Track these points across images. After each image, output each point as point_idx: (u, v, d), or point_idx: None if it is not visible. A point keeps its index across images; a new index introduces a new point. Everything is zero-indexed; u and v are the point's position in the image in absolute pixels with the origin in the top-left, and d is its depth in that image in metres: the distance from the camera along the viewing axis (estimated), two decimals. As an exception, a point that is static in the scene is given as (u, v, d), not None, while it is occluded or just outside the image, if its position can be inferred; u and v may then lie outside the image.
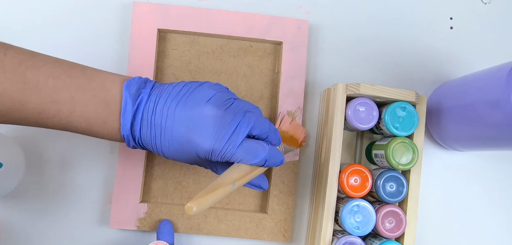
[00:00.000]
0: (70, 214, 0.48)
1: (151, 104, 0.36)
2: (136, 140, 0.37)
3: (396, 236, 0.42)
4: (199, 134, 0.35)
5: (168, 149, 0.36)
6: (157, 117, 0.36)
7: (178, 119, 0.35)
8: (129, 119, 0.36)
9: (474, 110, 0.40)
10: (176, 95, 0.36)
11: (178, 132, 0.35)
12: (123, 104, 0.36)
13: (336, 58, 0.51)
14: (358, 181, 0.42)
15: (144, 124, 0.36)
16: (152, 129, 0.36)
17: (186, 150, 0.36)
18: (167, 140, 0.36)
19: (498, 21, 0.52)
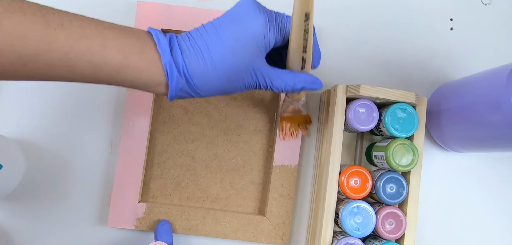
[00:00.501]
0: (69, 214, 0.48)
1: (182, 35, 0.34)
2: (181, 69, 0.33)
3: (396, 237, 0.42)
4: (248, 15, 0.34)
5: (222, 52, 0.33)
6: (195, 36, 0.34)
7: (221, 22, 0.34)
8: (166, 46, 0.33)
9: (474, 111, 0.40)
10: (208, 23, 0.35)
11: (225, 26, 0.34)
12: (155, 36, 0.34)
13: (336, 59, 0.51)
14: (358, 182, 0.42)
15: (184, 47, 0.33)
16: (195, 48, 0.33)
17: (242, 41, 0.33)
18: (217, 44, 0.33)
19: (498, 22, 0.52)
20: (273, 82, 0.36)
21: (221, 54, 0.33)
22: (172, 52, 0.33)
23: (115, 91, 0.49)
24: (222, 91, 0.35)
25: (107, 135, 0.49)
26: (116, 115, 0.49)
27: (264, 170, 0.50)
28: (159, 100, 0.49)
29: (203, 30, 0.34)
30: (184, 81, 0.34)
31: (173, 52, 0.33)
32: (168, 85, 0.34)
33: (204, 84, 0.34)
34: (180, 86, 0.34)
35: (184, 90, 0.34)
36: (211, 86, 0.34)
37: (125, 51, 0.33)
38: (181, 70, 0.33)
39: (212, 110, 0.49)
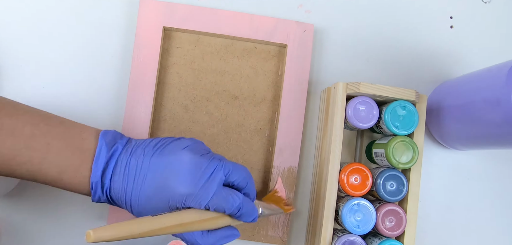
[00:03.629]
0: (69, 212, 0.48)
1: (126, 154, 0.36)
2: (104, 190, 0.36)
3: (396, 235, 0.42)
4: (175, 178, 0.35)
5: (138, 197, 0.36)
6: (131, 165, 0.36)
7: (154, 167, 0.36)
8: (101, 165, 0.35)
9: (474, 109, 0.40)
10: (153, 146, 0.37)
11: (152, 179, 0.35)
12: (98, 149, 0.36)
13: (336, 57, 0.51)
14: (358, 180, 0.42)
15: (117, 171, 0.36)
16: (124, 177, 0.36)
17: (158, 196, 0.35)
18: (139, 187, 0.35)
19: (498, 20, 0.52)
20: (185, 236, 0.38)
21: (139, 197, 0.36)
22: (104, 173, 0.36)
23: (115, 91, 0.49)
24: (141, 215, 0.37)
25: (107, 133, 0.49)
26: (117, 114, 0.49)
27: (264, 169, 0.50)
28: (160, 98, 0.49)
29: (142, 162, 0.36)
30: (106, 198, 0.37)
31: (105, 173, 0.36)
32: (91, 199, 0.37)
33: (124, 207, 0.37)
34: (102, 200, 0.37)
35: (104, 201, 0.37)
36: (130, 210, 0.37)
37: (62, 166, 0.35)
38: (105, 190, 0.36)
39: (213, 108, 0.49)
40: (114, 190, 0.36)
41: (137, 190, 0.36)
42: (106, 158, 0.36)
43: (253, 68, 0.50)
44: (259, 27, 0.48)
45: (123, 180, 0.36)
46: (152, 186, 0.35)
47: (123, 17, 0.50)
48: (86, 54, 0.49)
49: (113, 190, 0.36)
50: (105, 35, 0.49)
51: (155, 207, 0.36)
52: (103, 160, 0.36)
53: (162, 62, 0.49)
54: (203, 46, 0.49)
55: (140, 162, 0.36)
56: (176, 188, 0.35)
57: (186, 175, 0.35)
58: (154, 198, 0.36)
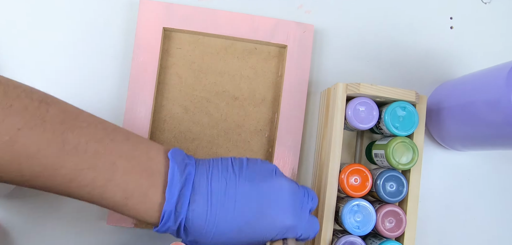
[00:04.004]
0: (69, 211, 0.48)
1: (203, 178, 0.31)
2: (179, 220, 0.31)
3: (396, 235, 0.42)
4: (277, 208, 0.31)
5: (228, 227, 0.31)
6: (214, 192, 0.31)
7: (245, 194, 0.31)
8: (176, 192, 0.31)
9: (474, 110, 0.40)
10: (232, 169, 0.32)
11: (246, 207, 0.31)
12: (170, 173, 0.31)
13: (336, 57, 0.51)
14: (358, 180, 0.42)
15: (196, 199, 0.31)
16: (208, 205, 0.31)
17: (254, 226, 0.31)
18: (229, 216, 0.31)
19: (498, 21, 0.52)
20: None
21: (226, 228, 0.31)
22: (179, 201, 0.31)
23: (115, 92, 0.49)
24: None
25: (107, 134, 0.49)
26: (117, 114, 0.49)
27: (264, 168, 0.50)
28: (160, 98, 0.49)
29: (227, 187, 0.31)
30: (175, 229, 0.32)
31: (181, 201, 0.31)
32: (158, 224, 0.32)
33: (194, 239, 0.32)
34: (170, 231, 0.32)
35: (170, 232, 0.33)
36: (199, 243, 0.32)
37: (128, 190, 0.30)
38: (179, 221, 0.31)
39: (213, 109, 0.49)
40: (193, 221, 0.31)
41: (226, 219, 0.31)
42: (181, 183, 0.31)
43: (253, 69, 0.50)
44: (259, 28, 0.48)
45: (207, 209, 0.31)
46: (246, 214, 0.31)
47: (123, 18, 0.50)
48: (86, 54, 0.49)
49: (191, 220, 0.31)
50: (105, 36, 0.49)
51: (246, 237, 0.32)
52: (178, 186, 0.31)
53: (162, 63, 0.49)
54: (203, 46, 0.49)
55: (224, 188, 0.31)
56: (279, 218, 0.32)
57: (289, 205, 0.32)
58: (247, 228, 0.31)
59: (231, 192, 0.31)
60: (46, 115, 0.28)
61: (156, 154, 0.32)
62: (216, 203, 0.31)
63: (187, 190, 0.31)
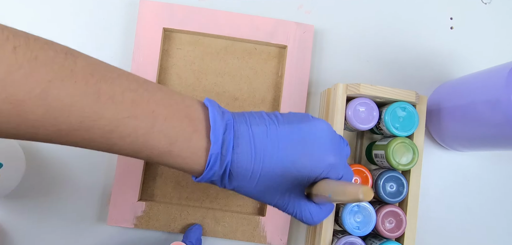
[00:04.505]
0: (69, 212, 0.48)
1: (243, 124, 0.31)
2: (225, 163, 0.31)
3: (396, 236, 0.42)
4: (320, 146, 0.32)
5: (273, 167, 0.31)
6: (257, 134, 0.31)
7: (287, 135, 0.31)
8: (220, 135, 0.31)
9: (474, 110, 0.40)
10: (270, 117, 0.32)
11: (290, 147, 0.31)
12: (212, 117, 0.31)
13: (336, 58, 0.51)
14: (358, 181, 0.42)
15: (240, 143, 0.31)
16: (251, 147, 0.31)
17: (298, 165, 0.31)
18: (274, 156, 0.31)
19: (498, 21, 0.52)
20: (302, 213, 0.34)
21: (272, 172, 0.31)
22: (223, 142, 0.31)
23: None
24: (250, 196, 0.33)
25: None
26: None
27: (264, 169, 0.50)
28: (159, 99, 0.49)
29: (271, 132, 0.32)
30: (220, 174, 0.31)
31: (225, 141, 0.31)
32: (202, 171, 0.32)
33: (238, 185, 0.32)
34: (215, 178, 0.32)
35: (216, 179, 0.32)
36: (244, 188, 0.32)
37: (172, 136, 0.30)
38: (224, 164, 0.31)
39: (212, 109, 0.49)
40: (238, 164, 0.31)
41: (271, 160, 0.31)
42: (223, 127, 0.31)
43: (253, 69, 0.50)
44: (259, 28, 0.48)
45: (251, 151, 0.31)
46: (290, 154, 0.31)
47: (123, 18, 0.50)
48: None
49: (237, 163, 0.31)
50: (105, 36, 0.49)
51: (291, 178, 0.32)
52: (221, 130, 0.31)
53: (162, 63, 0.49)
54: (203, 47, 0.49)
55: (265, 131, 0.31)
56: (323, 155, 0.32)
57: (330, 143, 0.32)
58: (293, 167, 0.31)
59: (273, 134, 0.31)
60: (74, 67, 0.27)
61: (192, 102, 0.32)
62: (260, 145, 0.31)
63: (230, 134, 0.31)
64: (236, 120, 0.32)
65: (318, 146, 0.32)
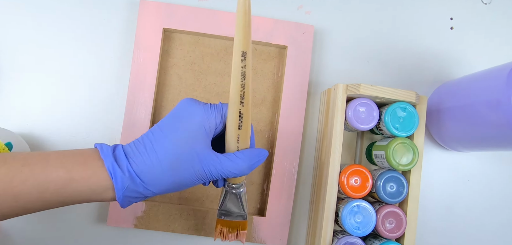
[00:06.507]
0: (69, 212, 0.48)
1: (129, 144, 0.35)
2: (126, 168, 0.33)
3: (396, 236, 0.42)
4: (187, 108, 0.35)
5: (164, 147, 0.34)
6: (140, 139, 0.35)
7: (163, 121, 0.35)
8: (109, 150, 0.34)
9: (474, 111, 0.40)
10: None
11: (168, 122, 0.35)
12: (99, 146, 0.34)
13: (336, 58, 0.51)
14: (358, 181, 0.42)
15: (128, 149, 0.34)
16: (138, 146, 0.34)
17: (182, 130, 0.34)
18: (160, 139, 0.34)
19: (498, 21, 0.52)
20: (222, 164, 0.35)
21: (164, 145, 0.34)
22: (115, 157, 0.34)
23: (115, 92, 0.49)
24: (172, 183, 0.35)
25: (107, 133, 0.49)
26: (117, 115, 0.49)
27: (264, 170, 0.50)
28: (160, 99, 0.49)
29: (148, 132, 0.35)
30: (129, 179, 0.33)
31: (117, 156, 0.34)
32: (114, 188, 0.34)
33: (151, 178, 0.34)
34: (126, 185, 0.33)
35: (133, 189, 0.34)
36: (159, 179, 0.34)
37: (67, 166, 0.33)
38: (126, 168, 0.33)
39: (212, 109, 0.49)
40: (135, 162, 0.34)
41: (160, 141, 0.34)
42: (111, 148, 0.34)
43: (253, 69, 0.50)
44: (259, 28, 0.48)
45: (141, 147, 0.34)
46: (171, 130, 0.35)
47: (123, 18, 0.50)
48: (86, 55, 0.49)
49: (134, 163, 0.34)
50: (105, 36, 0.49)
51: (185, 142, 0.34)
52: (109, 149, 0.34)
53: (162, 63, 0.49)
54: (203, 47, 0.49)
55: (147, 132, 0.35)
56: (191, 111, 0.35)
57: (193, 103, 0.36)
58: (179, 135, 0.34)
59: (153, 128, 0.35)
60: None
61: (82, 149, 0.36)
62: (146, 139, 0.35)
63: (118, 149, 0.34)
64: (123, 145, 0.35)
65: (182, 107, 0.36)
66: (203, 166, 0.35)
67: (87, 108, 0.49)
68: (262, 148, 0.37)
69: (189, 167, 0.35)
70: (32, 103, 0.48)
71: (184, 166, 0.34)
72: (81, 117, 0.49)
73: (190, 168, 0.35)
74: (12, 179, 0.32)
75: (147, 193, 0.34)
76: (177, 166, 0.34)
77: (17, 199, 0.32)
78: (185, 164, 0.34)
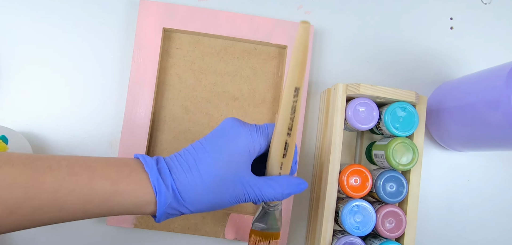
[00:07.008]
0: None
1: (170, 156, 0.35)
2: (170, 184, 0.33)
3: (396, 236, 0.42)
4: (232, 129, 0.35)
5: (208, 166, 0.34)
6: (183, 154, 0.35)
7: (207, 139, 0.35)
8: (153, 164, 0.34)
9: (474, 110, 0.40)
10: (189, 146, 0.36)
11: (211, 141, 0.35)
12: (142, 158, 0.34)
13: (336, 58, 0.51)
14: (358, 181, 0.42)
15: (172, 164, 0.34)
16: (182, 162, 0.34)
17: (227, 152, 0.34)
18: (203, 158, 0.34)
19: (498, 21, 0.52)
20: (262, 190, 0.35)
21: (208, 165, 0.34)
22: (160, 171, 0.34)
23: (115, 92, 0.49)
24: (212, 204, 0.35)
25: (107, 133, 0.49)
26: (117, 115, 0.49)
27: (264, 169, 0.50)
28: (160, 99, 0.49)
29: (190, 148, 0.35)
30: (172, 196, 0.33)
31: (161, 170, 0.34)
32: (156, 203, 0.34)
33: (193, 197, 0.34)
34: (169, 201, 0.34)
35: (173, 207, 0.34)
36: (199, 199, 0.34)
37: (113, 178, 0.33)
38: (169, 185, 0.33)
39: (213, 109, 0.49)
40: (179, 180, 0.33)
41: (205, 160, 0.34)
42: (155, 161, 0.34)
43: (253, 69, 0.50)
44: (259, 28, 0.48)
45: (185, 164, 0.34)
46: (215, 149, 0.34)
47: (123, 18, 0.50)
48: (86, 55, 0.49)
49: (178, 180, 0.34)
50: (105, 36, 0.49)
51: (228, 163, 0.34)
52: (153, 162, 0.34)
53: (162, 63, 0.49)
54: (203, 47, 0.49)
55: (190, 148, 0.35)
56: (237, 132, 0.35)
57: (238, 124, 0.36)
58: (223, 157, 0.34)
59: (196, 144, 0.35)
60: (11, 157, 0.31)
61: (123, 157, 0.35)
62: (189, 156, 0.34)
63: (162, 163, 0.34)
64: (165, 157, 0.35)
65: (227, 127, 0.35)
66: (244, 189, 0.35)
67: (87, 108, 0.49)
68: (303, 179, 0.37)
69: (231, 190, 0.35)
70: (32, 102, 0.48)
71: (226, 188, 0.34)
72: (81, 116, 0.49)
73: (231, 191, 0.35)
74: (58, 190, 0.31)
75: (185, 211, 0.34)
76: (219, 188, 0.34)
77: (61, 210, 0.32)
78: (227, 186, 0.34)
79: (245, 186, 0.35)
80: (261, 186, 0.35)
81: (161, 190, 0.33)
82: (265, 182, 0.36)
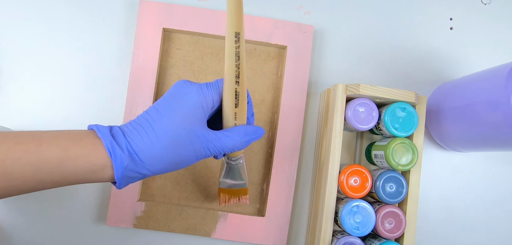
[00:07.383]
0: (69, 212, 0.48)
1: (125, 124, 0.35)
2: (124, 146, 0.33)
3: (395, 236, 0.42)
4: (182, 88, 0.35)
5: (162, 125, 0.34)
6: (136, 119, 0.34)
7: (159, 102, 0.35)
8: (106, 130, 0.33)
9: (473, 111, 0.40)
10: None
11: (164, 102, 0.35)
12: (95, 126, 0.34)
13: (336, 58, 0.51)
14: (358, 181, 0.42)
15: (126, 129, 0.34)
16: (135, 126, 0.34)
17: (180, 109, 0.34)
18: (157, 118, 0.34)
19: (498, 21, 0.52)
20: (221, 141, 0.36)
21: (162, 124, 0.34)
22: (113, 136, 0.33)
23: (114, 92, 0.49)
24: (172, 162, 0.35)
25: (107, 134, 0.49)
26: (116, 115, 0.49)
27: (263, 170, 0.50)
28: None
29: (144, 113, 0.35)
30: (129, 158, 0.33)
31: (115, 135, 0.33)
32: (113, 166, 0.33)
33: (151, 157, 0.34)
34: (125, 163, 0.33)
35: (131, 169, 0.34)
36: (158, 158, 0.34)
37: (63, 145, 0.32)
38: (125, 147, 0.33)
39: (212, 109, 0.49)
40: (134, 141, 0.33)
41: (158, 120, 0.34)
42: (107, 127, 0.34)
43: (252, 69, 0.50)
44: (259, 29, 0.48)
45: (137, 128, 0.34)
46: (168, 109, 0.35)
47: (123, 18, 0.50)
48: (86, 55, 0.49)
49: (133, 141, 0.33)
50: (105, 36, 0.49)
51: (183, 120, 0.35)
52: (106, 128, 0.34)
53: (162, 63, 0.49)
54: (203, 47, 0.49)
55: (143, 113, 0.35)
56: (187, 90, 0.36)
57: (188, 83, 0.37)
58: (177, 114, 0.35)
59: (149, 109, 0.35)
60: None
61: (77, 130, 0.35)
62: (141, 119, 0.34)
63: (115, 129, 0.34)
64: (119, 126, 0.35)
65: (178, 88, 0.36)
66: (202, 144, 0.35)
67: (87, 108, 0.49)
68: (259, 126, 0.38)
69: (189, 146, 0.35)
70: (32, 102, 0.48)
71: (183, 144, 0.35)
72: (81, 116, 0.49)
73: (190, 147, 0.35)
74: (4, 158, 0.31)
75: (145, 172, 0.34)
76: (176, 145, 0.34)
77: (10, 179, 0.31)
78: (184, 142, 0.35)
79: (203, 141, 0.35)
80: (219, 138, 0.36)
81: (115, 152, 0.33)
82: (222, 133, 0.36)
